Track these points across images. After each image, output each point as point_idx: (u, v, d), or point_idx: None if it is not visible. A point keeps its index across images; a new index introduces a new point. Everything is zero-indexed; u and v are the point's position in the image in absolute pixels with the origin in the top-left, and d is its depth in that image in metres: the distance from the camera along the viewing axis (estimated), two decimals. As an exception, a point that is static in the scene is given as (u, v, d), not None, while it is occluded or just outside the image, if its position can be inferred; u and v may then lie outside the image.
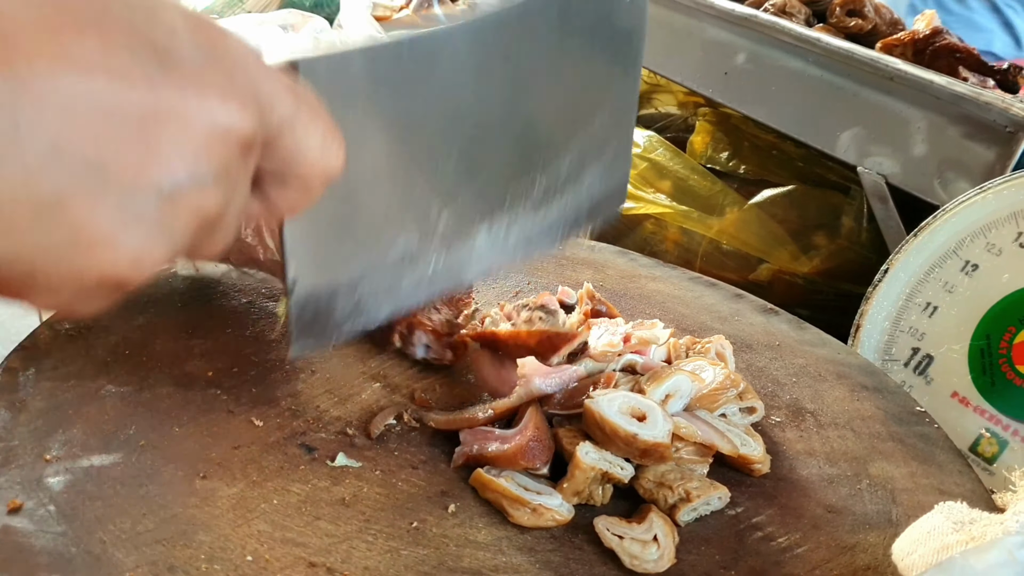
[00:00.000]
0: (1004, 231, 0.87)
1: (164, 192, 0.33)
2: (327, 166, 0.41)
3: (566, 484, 0.58)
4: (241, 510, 0.54)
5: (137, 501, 0.53)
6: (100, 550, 0.49)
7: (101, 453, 0.57)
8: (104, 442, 0.58)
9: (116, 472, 0.55)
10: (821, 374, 0.78)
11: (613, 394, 0.61)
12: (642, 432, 0.58)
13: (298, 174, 0.40)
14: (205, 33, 0.35)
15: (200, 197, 0.35)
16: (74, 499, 0.53)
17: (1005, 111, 0.92)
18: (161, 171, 0.33)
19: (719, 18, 1.30)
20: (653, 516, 0.57)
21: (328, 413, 0.65)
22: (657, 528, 0.56)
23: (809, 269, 1.15)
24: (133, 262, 0.34)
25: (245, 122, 0.35)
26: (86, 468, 0.55)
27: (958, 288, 0.89)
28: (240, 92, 0.36)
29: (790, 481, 0.64)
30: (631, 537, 0.55)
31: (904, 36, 1.21)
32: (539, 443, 0.60)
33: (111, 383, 0.63)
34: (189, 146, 0.34)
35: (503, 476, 0.59)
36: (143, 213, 0.33)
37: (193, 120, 0.34)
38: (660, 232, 1.26)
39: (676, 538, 0.56)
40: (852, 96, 1.10)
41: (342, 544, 0.53)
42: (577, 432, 0.61)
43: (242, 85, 0.36)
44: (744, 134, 1.33)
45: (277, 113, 0.38)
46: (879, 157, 1.05)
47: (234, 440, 0.60)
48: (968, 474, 0.68)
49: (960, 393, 0.87)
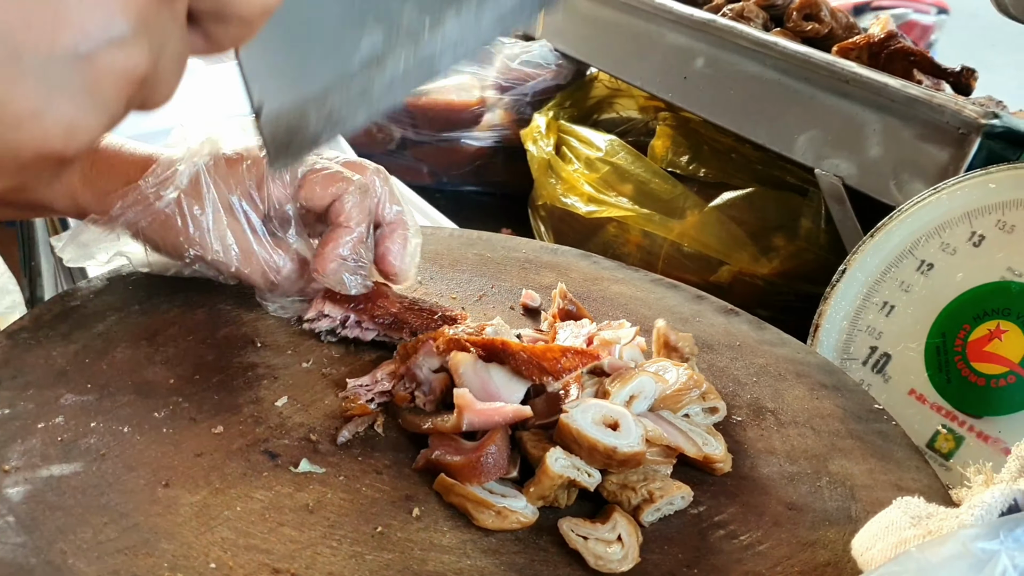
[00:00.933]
0: (958, 231, 0.89)
1: (81, 55, 0.32)
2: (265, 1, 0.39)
3: (532, 488, 0.58)
4: (204, 518, 0.54)
5: (98, 511, 0.53)
6: (61, 560, 0.49)
7: (61, 463, 0.56)
8: (64, 451, 0.57)
9: (76, 482, 0.55)
10: (781, 373, 0.79)
11: (585, 405, 0.61)
12: (621, 444, 0.58)
13: (234, 9, 0.38)
14: None
15: (122, 55, 0.33)
16: (34, 509, 0.52)
17: (958, 113, 0.94)
18: (72, 33, 0.31)
19: (678, 23, 1.31)
20: (617, 516, 0.57)
21: (291, 419, 0.64)
22: (621, 528, 0.56)
23: (769, 270, 1.17)
24: (66, 132, 0.33)
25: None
26: (46, 478, 0.55)
27: (914, 287, 0.91)
28: None
29: (751, 479, 0.65)
30: (595, 538, 0.56)
31: (859, 40, 1.23)
32: (494, 460, 0.59)
33: (71, 392, 0.63)
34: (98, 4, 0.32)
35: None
36: (63, 81, 0.32)
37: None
38: (622, 235, 1.27)
39: (640, 537, 0.57)
40: (809, 99, 1.11)
41: (306, 550, 0.53)
42: (543, 437, 0.62)
43: None
44: (704, 138, 1.35)
45: None
46: (836, 159, 1.07)
47: (196, 448, 0.60)
48: (925, 470, 0.69)
49: (917, 390, 0.88)
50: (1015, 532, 0.45)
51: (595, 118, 1.58)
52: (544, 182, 1.39)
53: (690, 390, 0.68)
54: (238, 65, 0.47)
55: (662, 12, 1.33)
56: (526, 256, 0.94)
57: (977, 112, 0.93)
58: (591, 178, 1.32)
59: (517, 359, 0.64)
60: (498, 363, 0.65)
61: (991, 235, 0.87)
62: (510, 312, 0.83)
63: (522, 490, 0.59)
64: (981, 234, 0.88)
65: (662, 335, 0.75)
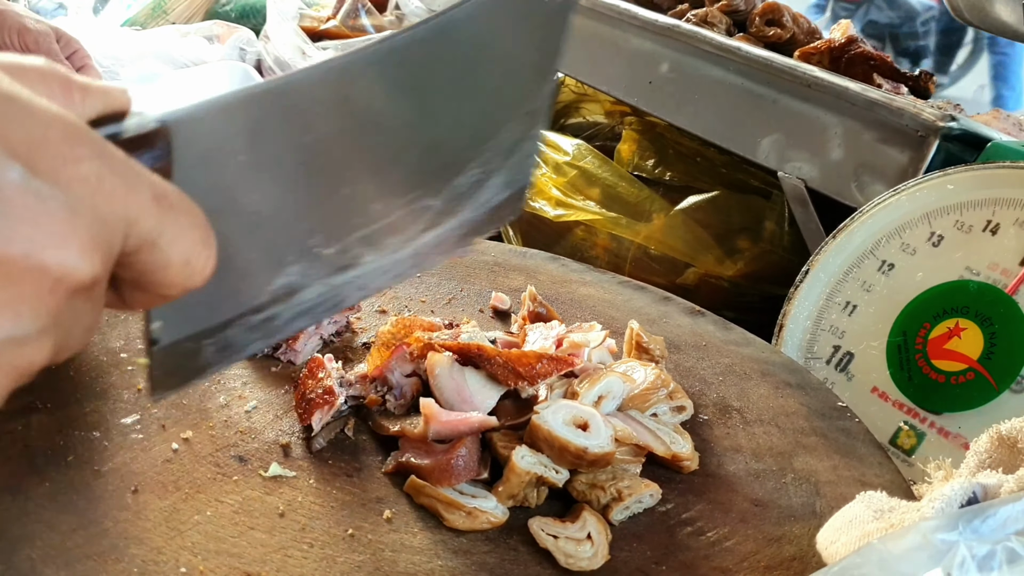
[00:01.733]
0: (918, 231, 0.91)
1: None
2: (189, 283, 0.38)
3: (501, 487, 0.59)
4: (174, 522, 0.54)
5: (67, 516, 0.53)
6: (28, 567, 0.48)
7: (28, 470, 0.56)
8: (31, 458, 0.57)
9: (44, 488, 0.55)
10: (747, 373, 0.80)
11: (556, 406, 0.62)
12: (591, 445, 0.59)
13: (155, 289, 0.37)
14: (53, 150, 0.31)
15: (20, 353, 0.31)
16: (1, 516, 0.52)
17: (916, 116, 0.96)
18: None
19: (643, 28, 1.32)
20: (586, 515, 0.58)
21: (261, 424, 0.64)
22: (591, 526, 0.57)
23: (734, 272, 1.18)
24: None
25: (84, 269, 0.31)
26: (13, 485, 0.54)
27: (875, 287, 0.92)
28: (82, 231, 0.31)
29: (718, 477, 0.66)
30: (565, 536, 0.56)
31: (821, 44, 1.25)
32: (464, 463, 0.60)
33: (37, 399, 0.62)
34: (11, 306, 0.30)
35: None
36: None
37: (18, 280, 0.30)
38: (590, 238, 1.28)
39: (609, 535, 0.57)
40: (772, 103, 1.13)
41: (276, 553, 0.53)
42: (512, 436, 0.62)
43: (87, 220, 0.31)
44: (669, 142, 1.36)
45: (137, 230, 0.34)
46: (798, 162, 1.08)
47: (165, 453, 0.60)
48: (888, 465, 0.70)
49: (880, 388, 0.90)
50: (973, 523, 0.46)
51: (562, 123, 1.59)
52: (511, 186, 1.39)
53: (657, 389, 0.69)
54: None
55: (627, 17, 1.35)
56: (495, 259, 0.94)
57: (935, 115, 0.95)
58: (559, 182, 1.33)
59: (493, 364, 0.64)
60: (473, 367, 0.66)
61: (950, 235, 0.89)
62: (480, 315, 0.83)
63: (492, 490, 0.59)
64: (940, 234, 0.89)
65: (635, 336, 0.76)
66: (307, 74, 0.45)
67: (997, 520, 0.46)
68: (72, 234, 0.31)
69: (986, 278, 0.85)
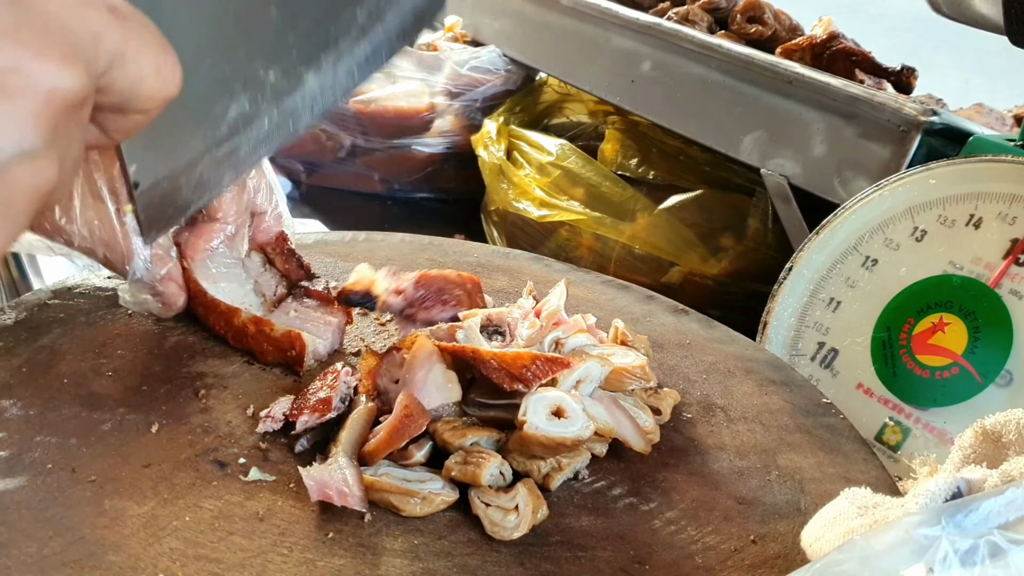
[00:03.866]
0: (900, 226, 0.91)
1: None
2: (166, 91, 0.40)
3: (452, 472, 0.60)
4: (152, 528, 0.53)
5: (43, 524, 0.52)
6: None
7: (5, 477, 0.55)
8: (8, 466, 0.56)
9: (21, 496, 0.54)
10: (730, 370, 0.80)
11: (534, 405, 0.61)
12: (568, 432, 0.60)
13: (136, 105, 0.39)
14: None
15: (33, 168, 0.33)
16: (-24, 526, 0.51)
17: (898, 111, 0.96)
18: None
19: (624, 27, 1.32)
20: (520, 487, 0.58)
21: (240, 428, 0.64)
22: (520, 498, 0.57)
23: (718, 270, 1.18)
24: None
25: (70, 79, 0.34)
26: (-12, 493, 0.54)
27: (859, 283, 0.92)
28: (58, 44, 0.33)
29: (702, 475, 0.66)
30: (496, 505, 0.57)
31: (802, 41, 1.26)
32: (409, 419, 0.60)
33: (14, 405, 0.62)
34: (13, 119, 0.32)
35: (382, 473, 0.59)
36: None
37: (14, 92, 0.32)
38: (575, 238, 1.28)
39: (545, 511, 0.58)
40: (754, 100, 1.13)
41: (256, 558, 0.52)
42: (458, 425, 0.62)
43: (58, 34, 0.34)
44: (652, 141, 1.36)
45: (103, 49, 0.36)
46: (781, 159, 1.08)
47: (144, 459, 0.59)
48: (872, 462, 0.70)
49: (865, 384, 0.90)
50: (956, 518, 0.46)
51: (545, 123, 1.59)
52: (496, 187, 1.39)
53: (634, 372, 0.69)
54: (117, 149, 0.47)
55: (608, 16, 1.34)
56: (478, 260, 0.94)
57: (917, 110, 0.95)
58: (542, 182, 1.33)
59: (488, 367, 0.64)
60: (468, 370, 0.65)
61: (933, 230, 0.89)
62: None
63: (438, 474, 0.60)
64: (923, 229, 0.89)
65: (619, 335, 0.76)
66: None
67: (980, 514, 0.46)
68: (49, 46, 0.33)
69: (969, 272, 0.85)
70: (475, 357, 0.64)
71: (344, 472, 0.57)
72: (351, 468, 0.58)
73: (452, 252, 0.95)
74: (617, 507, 0.61)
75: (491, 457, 0.59)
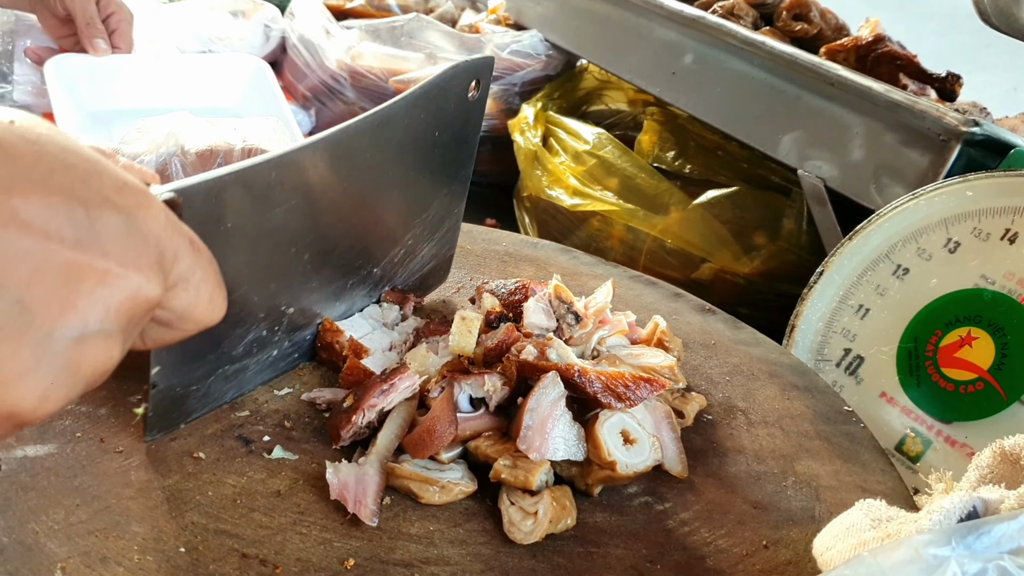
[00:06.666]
0: (934, 237, 0.90)
1: (75, 338, 0.38)
2: (210, 319, 0.47)
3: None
4: (176, 502, 0.54)
5: (71, 492, 0.54)
6: (32, 540, 0.49)
7: (36, 444, 0.57)
8: (39, 433, 0.58)
9: (50, 463, 0.56)
10: (754, 373, 0.80)
11: (606, 426, 0.62)
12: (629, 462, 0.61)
13: (182, 324, 0.46)
14: (131, 198, 0.40)
15: (106, 347, 0.39)
16: (7, 490, 0.53)
17: (939, 120, 0.95)
18: (77, 318, 0.37)
19: (668, 18, 1.32)
20: (546, 495, 0.58)
21: (266, 406, 0.65)
22: (542, 506, 0.58)
23: (750, 269, 1.18)
24: (39, 400, 0.37)
25: (153, 289, 0.41)
26: (20, 459, 0.55)
27: (889, 291, 0.92)
28: (151, 259, 0.41)
29: (718, 478, 0.66)
30: (519, 506, 0.58)
31: (847, 42, 1.24)
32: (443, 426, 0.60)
33: (48, 373, 0.63)
34: (104, 303, 0.38)
35: (405, 461, 0.60)
36: (53, 355, 0.37)
37: (110, 283, 0.38)
38: (606, 229, 1.28)
39: (570, 522, 0.58)
40: (794, 100, 1.12)
41: (276, 536, 0.54)
42: (497, 440, 0.63)
43: (154, 252, 0.41)
44: (690, 134, 1.35)
45: (176, 270, 0.43)
46: (819, 161, 1.08)
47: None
48: (890, 472, 0.70)
49: (888, 393, 0.89)
50: (967, 539, 0.46)
51: (584, 109, 1.58)
52: (530, 173, 1.39)
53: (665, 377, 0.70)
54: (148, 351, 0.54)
55: (653, 6, 1.34)
56: (506, 249, 0.95)
57: (958, 119, 0.94)
58: (577, 171, 1.33)
59: (593, 386, 0.63)
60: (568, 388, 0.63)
61: (967, 242, 0.88)
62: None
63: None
64: (957, 241, 0.89)
65: (657, 333, 0.76)
66: (272, 162, 0.56)
67: (992, 537, 0.46)
68: (144, 257, 0.41)
69: (1001, 287, 0.85)
70: (582, 375, 0.63)
71: (366, 481, 0.58)
72: (376, 479, 0.59)
73: (481, 240, 0.95)
74: (632, 505, 0.62)
75: (541, 463, 0.60)
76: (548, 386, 0.62)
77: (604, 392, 0.62)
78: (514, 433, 0.60)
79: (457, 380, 0.64)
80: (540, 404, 0.61)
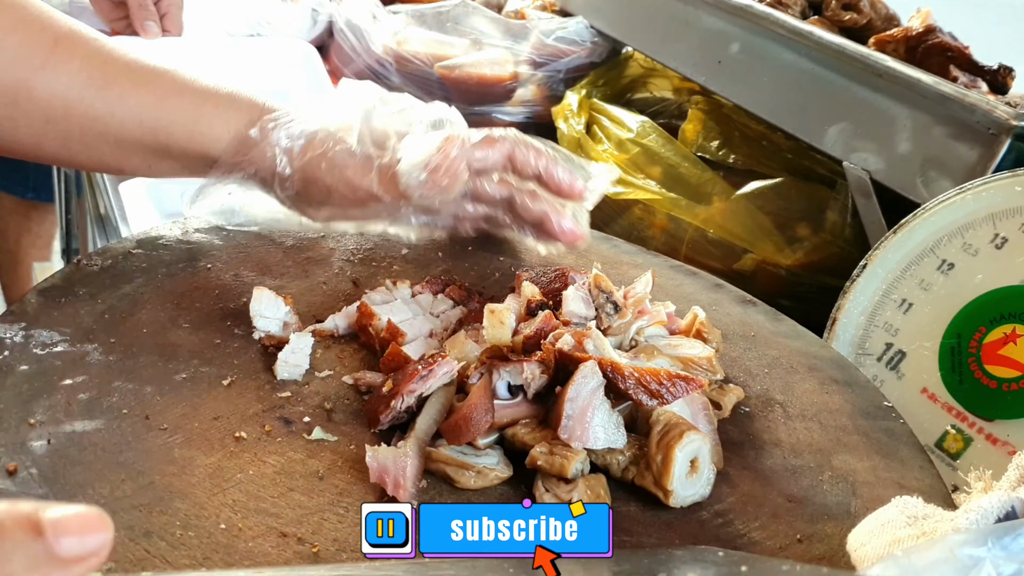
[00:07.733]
0: (981, 232, 0.89)
1: None
2: None
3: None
4: (217, 480, 0.56)
5: (116, 467, 0.55)
6: (79, 514, 0.51)
7: (84, 419, 0.58)
8: (87, 408, 0.59)
9: (97, 438, 0.57)
10: (793, 366, 0.80)
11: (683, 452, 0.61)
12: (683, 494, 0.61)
13: None
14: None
15: None
16: (56, 463, 0.54)
17: (989, 113, 0.94)
18: None
19: (715, 6, 1.31)
20: (580, 483, 0.59)
21: (307, 387, 0.66)
22: (578, 493, 0.58)
23: (792, 261, 1.17)
24: None
25: None
26: (68, 433, 0.57)
27: (933, 286, 0.91)
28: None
29: (754, 470, 0.66)
30: (554, 493, 0.58)
31: (897, 33, 1.22)
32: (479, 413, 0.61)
33: (96, 351, 0.65)
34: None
35: (442, 446, 0.61)
36: None
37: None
38: (648, 218, 1.27)
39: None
40: (841, 90, 1.11)
41: (314, 516, 0.55)
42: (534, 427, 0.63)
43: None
44: (735, 124, 1.34)
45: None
46: (865, 153, 1.06)
47: (214, 411, 0.62)
48: (929, 470, 0.69)
49: (929, 389, 0.89)
50: (1003, 540, 0.46)
51: (628, 97, 1.57)
52: (573, 161, 1.39)
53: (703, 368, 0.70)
54: None
55: (700, -5, 1.33)
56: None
57: (1008, 113, 0.92)
58: (620, 159, 1.33)
59: (626, 382, 0.63)
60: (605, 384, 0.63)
61: (1014, 238, 0.87)
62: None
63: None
64: (1004, 236, 0.87)
65: (696, 324, 0.76)
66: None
67: (1029, 538, 0.46)
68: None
69: (1048, 285, 0.84)
70: (614, 371, 0.63)
71: (406, 463, 0.58)
72: (414, 461, 0.59)
73: (524, 226, 0.95)
74: (666, 495, 0.62)
75: (579, 451, 0.60)
76: (587, 375, 0.62)
77: (637, 388, 0.62)
78: (554, 423, 0.61)
79: (496, 367, 0.64)
80: (579, 394, 0.61)
